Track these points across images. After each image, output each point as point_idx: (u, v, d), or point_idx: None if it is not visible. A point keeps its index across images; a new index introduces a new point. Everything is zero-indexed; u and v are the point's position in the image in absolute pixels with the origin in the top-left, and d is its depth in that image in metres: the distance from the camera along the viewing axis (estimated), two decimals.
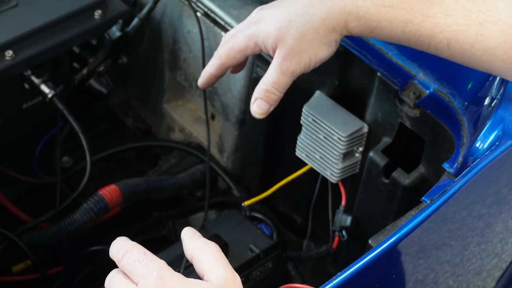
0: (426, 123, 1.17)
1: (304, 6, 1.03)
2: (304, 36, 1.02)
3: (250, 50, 1.07)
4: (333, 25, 1.02)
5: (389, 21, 1.00)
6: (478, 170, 1.02)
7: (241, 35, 1.07)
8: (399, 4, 0.99)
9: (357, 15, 1.01)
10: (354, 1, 1.00)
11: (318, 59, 1.04)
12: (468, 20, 0.97)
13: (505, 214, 1.15)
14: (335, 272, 0.92)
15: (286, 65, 1.04)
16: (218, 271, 0.84)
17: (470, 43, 0.98)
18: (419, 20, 0.99)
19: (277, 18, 1.04)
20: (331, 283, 0.91)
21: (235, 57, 1.08)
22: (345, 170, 1.30)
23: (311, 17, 1.02)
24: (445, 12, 0.98)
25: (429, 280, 1.08)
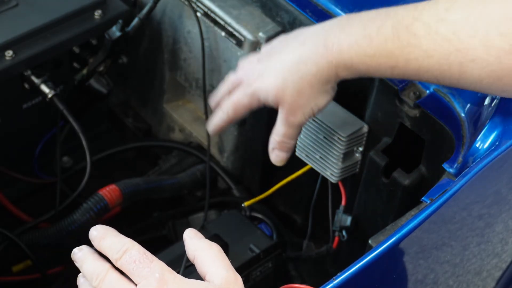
0: (426, 123, 1.17)
1: (295, 62, 1.08)
2: (301, 93, 1.09)
3: (254, 105, 1.15)
4: (325, 77, 1.07)
5: (376, 68, 1.04)
6: (478, 170, 1.02)
7: (243, 93, 1.14)
8: (381, 52, 1.02)
9: (345, 66, 1.05)
10: (339, 54, 1.05)
11: (320, 107, 1.12)
12: (448, 60, 0.99)
13: (505, 214, 1.15)
14: (335, 272, 0.93)
15: (291, 120, 1.13)
16: (220, 271, 0.84)
17: (456, 79, 1.00)
18: (403, 64, 1.02)
19: (273, 76, 1.10)
20: (331, 283, 0.91)
21: (241, 113, 1.17)
22: (345, 170, 1.30)
23: (303, 73, 1.08)
24: (425, 54, 1.00)
25: (429, 280, 1.08)
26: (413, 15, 1.00)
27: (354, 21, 1.05)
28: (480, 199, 1.08)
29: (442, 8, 0.99)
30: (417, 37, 0.99)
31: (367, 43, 1.02)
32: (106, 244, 0.86)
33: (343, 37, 1.04)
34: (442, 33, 0.98)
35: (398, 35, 1.00)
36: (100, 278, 0.84)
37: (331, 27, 1.07)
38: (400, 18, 1.01)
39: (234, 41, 1.37)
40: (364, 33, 1.03)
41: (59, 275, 1.43)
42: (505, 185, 1.11)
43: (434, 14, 0.99)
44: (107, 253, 0.85)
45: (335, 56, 1.05)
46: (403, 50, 1.01)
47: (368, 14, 1.05)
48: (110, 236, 0.86)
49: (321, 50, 1.06)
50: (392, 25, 1.01)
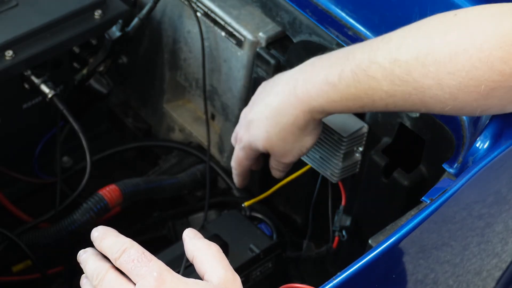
0: (426, 123, 1.17)
1: (274, 115, 1.15)
2: (285, 140, 1.17)
3: (252, 155, 1.24)
4: (303, 124, 1.14)
5: (347, 109, 1.09)
6: (478, 170, 1.02)
7: (238, 148, 1.25)
8: (346, 97, 1.06)
9: (317, 111, 1.11)
10: (309, 102, 1.10)
11: (308, 146, 1.19)
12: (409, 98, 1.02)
13: (505, 214, 1.15)
14: (335, 272, 0.92)
15: (284, 161, 1.22)
16: (218, 271, 0.84)
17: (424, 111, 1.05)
18: (371, 104, 1.05)
19: (257, 129, 1.18)
20: (331, 283, 0.91)
21: (245, 164, 1.27)
22: (345, 170, 1.30)
23: (283, 124, 1.14)
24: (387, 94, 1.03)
25: (429, 280, 1.08)
26: (368, 57, 1.03)
27: (318, 68, 1.09)
28: (480, 199, 1.08)
29: (394, 47, 1.01)
30: (376, 80, 1.02)
31: (331, 89, 1.06)
32: (106, 244, 0.86)
33: (310, 86, 1.09)
34: (397, 74, 1.01)
35: (358, 80, 1.04)
36: (100, 278, 0.84)
37: (298, 76, 1.12)
38: (358, 62, 1.04)
39: (234, 41, 1.37)
40: (327, 80, 1.07)
41: (59, 275, 1.43)
42: (505, 185, 1.11)
43: (387, 54, 1.01)
44: (106, 253, 0.86)
45: (307, 104, 1.10)
46: (366, 92, 1.04)
47: (329, 59, 1.09)
48: (110, 236, 0.87)
49: (293, 100, 1.11)
50: (351, 70, 1.04)
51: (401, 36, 1.02)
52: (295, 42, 1.31)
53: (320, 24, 1.26)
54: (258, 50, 1.35)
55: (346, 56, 1.06)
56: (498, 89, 0.97)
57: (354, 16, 1.22)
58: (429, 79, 0.99)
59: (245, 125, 1.21)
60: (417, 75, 1.00)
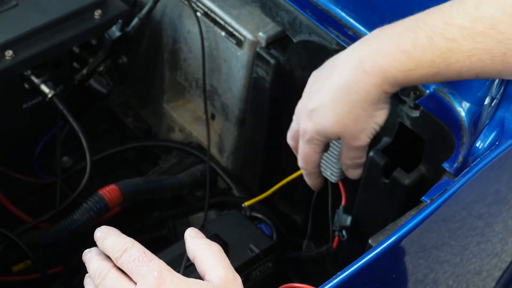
0: (426, 123, 1.17)
1: (341, 97, 1.09)
2: (357, 119, 1.10)
3: (322, 146, 1.16)
4: (375, 98, 1.08)
5: (418, 79, 1.04)
6: (478, 170, 1.02)
7: (303, 143, 1.16)
8: (422, 64, 1.03)
9: (389, 84, 1.06)
10: (381, 74, 1.05)
11: (380, 123, 1.12)
12: (490, 53, 1.00)
13: (505, 213, 1.15)
14: (335, 272, 0.93)
15: (357, 144, 1.14)
16: (219, 271, 0.84)
17: (498, 70, 1.01)
18: (445, 70, 1.02)
19: (326, 113, 1.11)
20: (331, 283, 0.91)
21: (315, 159, 1.18)
22: None
23: (353, 102, 1.08)
24: (466, 54, 1.00)
25: (429, 280, 1.08)
26: (444, 21, 1.01)
27: (383, 39, 1.06)
28: (480, 199, 1.08)
29: (471, 7, 1.00)
30: (455, 41, 1.00)
31: (406, 57, 1.03)
32: (108, 244, 0.86)
33: (379, 58, 1.05)
34: (480, 31, 0.99)
35: (434, 44, 1.01)
36: (102, 277, 0.85)
37: (361, 51, 1.08)
38: (432, 27, 1.01)
39: (234, 41, 1.37)
40: (400, 48, 1.03)
41: (59, 275, 1.43)
42: (505, 184, 1.11)
43: (466, 15, 1.00)
44: (108, 252, 0.86)
45: (378, 77, 1.06)
46: (443, 56, 1.01)
47: (396, 29, 1.06)
48: (112, 236, 0.87)
49: (361, 76, 1.07)
50: (426, 35, 1.02)
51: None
52: (295, 42, 1.31)
53: (320, 24, 1.26)
54: (258, 50, 1.35)
55: (415, 24, 1.03)
56: None
57: (354, 16, 1.22)
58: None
59: (306, 116, 1.14)
60: (503, 27, 0.98)
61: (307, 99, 1.14)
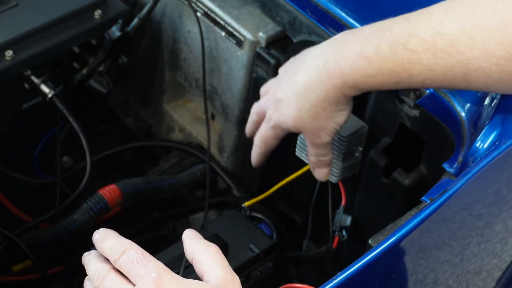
0: (426, 123, 1.17)
1: (303, 92, 1.12)
2: (316, 117, 1.13)
3: (280, 135, 1.20)
4: (334, 100, 1.10)
5: (380, 85, 1.05)
6: (478, 170, 1.02)
7: (266, 126, 1.20)
8: (382, 71, 1.03)
9: (350, 87, 1.08)
10: (342, 77, 1.07)
11: (340, 123, 1.15)
12: (451, 71, 1.00)
13: (505, 213, 1.15)
14: (335, 272, 0.93)
15: (317, 141, 1.17)
16: (217, 272, 0.84)
17: (463, 87, 1.02)
18: (407, 80, 1.03)
19: (287, 108, 1.14)
20: (331, 283, 0.91)
21: (271, 144, 1.23)
22: (345, 170, 1.30)
23: (313, 100, 1.11)
24: (427, 68, 1.01)
25: (429, 280, 1.08)
26: (407, 31, 1.01)
27: (350, 42, 1.07)
28: (480, 199, 1.08)
29: (435, 21, 1.00)
30: (416, 53, 1.00)
31: (367, 63, 1.04)
32: (106, 246, 0.87)
33: (342, 61, 1.06)
34: (440, 47, 0.99)
35: (396, 53, 1.02)
36: (100, 279, 0.85)
37: (328, 51, 1.09)
38: (396, 36, 1.02)
39: (234, 41, 1.37)
40: (362, 54, 1.04)
41: (59, 275, 1.43)
42: (505, 184, 1.11)
43: (428, 28, 1.00)
44: (107, 254, 0.86)
45: (338, 79, 1.07)
46: (404, 67, 1.02)
47: (362, 33, 1.06)
48: (110, 238, 0.87)
49: (323, 76, 1.08)
50: (388, 43, 1.02)
51: (443, 10, 1.00)
52: (295, 42, 1.31)
53: (320, 24, 1.26)
54: (258, 50, 1.35)
55: (381, 30, 1.04)
56: None
57: (354, 16, 1.22)
58: (475, 50, 0.97)
59: (274, 104, 1.17)
60: (462, 47, 0.98)
61: (277, 86, 1.17)
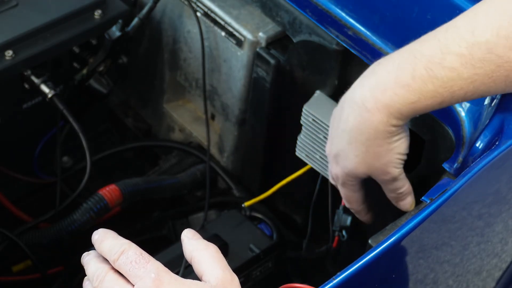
0: (426, 123, 1.17)
1: (355, 137, 1.08)
2: (377, 156, 1.09)
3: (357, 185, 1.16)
4: (385, 133, 1.06)
5: (424, 109, 1.03)
6: (478, 170, 1.02)
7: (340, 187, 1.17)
8: (424, 95, 1.01)
9: (395, 118, 1.04)
10: (384, 110, 1.03)
11: (403, 151, 1.10)
12: (492, 77, 0.99)
13: (505, 213, 1.15)
14: (335, 272, 0.92)
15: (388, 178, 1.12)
16: (216, 272, 0.84)
17: (502, 89, 1.01)
18: (449, 98, 1.01)
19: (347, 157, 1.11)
20: (331, 283, 0.91)
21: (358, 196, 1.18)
22: None
23: (367, 141, 1.07)
24: (468, 81, 0.99)
25: (429, 280, 1.08)
26: (440, 49, 1.00)
27: (382, 74, 1.04)
28: (480, 199, 1.08)
29: (466, 32, 0.99)
30: (455, 69, 0.99)
31: (406, 91, 1.02)
32: (105, 247, 0.87)
33: (379, 94, 1.03)
34: (478, 56, 0.98)
35: (434, 74, 1.00)
36: (99, 279, 0.85)
37: (362, 89, 1.06)
38: (429, 57, 1.00)
39: (234, 41, 1.37)
40: (400, 83, 1.02)
41: (59, 275, 1.43)
42: (505, 184, 1.11)
43: (462, 41, 0.99)
44: (106, 255, 0.86)
45: (382, 114, 1.04)
46: (445, 86, 1.00)
47: (392, 62, 1.04)
48: (109, 239, 0.87)
49: (366, 115, 1.05)
50: (424, 66, 1.00)
51: (469, 19, 0.99)
52: (295, 42, 1.31)
53: (320, 24, 1.26)
54: (258, 50, 1.35)
55: (412, 55, 1.02)
56: None
57: (354, 16, 1.22)
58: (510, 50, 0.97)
59: (333, 162, 1.15)
60: (500, 50, 0.97)
61: (330, 144, 1.14)
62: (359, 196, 1.18)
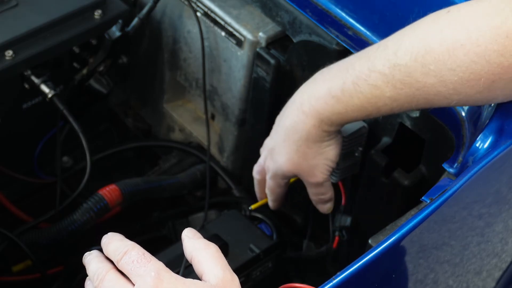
0: (426, 123, 1.17)
1: (289, 135, 1.16)
2: (306, 157, 1.18)
3: (283, 183, 1.26)
4: (316, 137, 1.15)
5: (353, 119, 1.11)
6: (478, 170, 1.02)
7: (268, 178, 1.26)
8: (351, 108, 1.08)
9: (326, 124, 1.13)
10: (316, 116, 1.12)
11: (333, 158, 1.20)
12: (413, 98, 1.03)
13: (505, 213, 1.15)
14: (335, 272, 0.92)
15: (313, 180, 1.22)
16: (217, 271, 0.85)
17: (430, 107, 1.08)
18: (375, 112, 1.07)
19: (280, 153, 1.20)
20: (331, 283, 0.91)
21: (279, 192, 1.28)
22: (345, 170, 1.30)
23: (297, 141, 1.16)
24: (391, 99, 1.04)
25: (429, 280, 1.08)
26: (367, 66, 1.04)
27: (319, 82, 1.11)
28: (480, 199, 1.08)
29: (391, 53, 1.02)
30: (378, 88, 1.03)
31: (335, 102, 1.08)
32: (111, 248, 0.87)
33: (314, 101, 1.11)
34: (398, 78, 1.01)
35: (360, 90, 1.05)
36: (100, 278, 0.85)
37: (303, 93, 1.14)
38: (358, 73, 1.05)
39: (234, 41, 1.37)
40: (330, 93, 1.08)
41: (59, 275, 1.43)
42: (505, 184, 1.11)
43: (385, 61, 1.02)
44: (111, 256, 0.87)
45: (315, 119, 1.12)
46: (369, 101, 1.05)
47: (330, 72, 1.10)
48: (115, 241, 0.88)
49: (302, 117, 1.13)
50: (352, 81, 1.06)
51: (397, 40, 1.03)
52: (295, 42, 1.31)
53: (320, 24, 1.26)
54: (258, 50, 1.35)
55: (346, 68, 1.08)
56: (499, 81, 0.98)
57: (354, 16, 1.22)
58: (431, 77, 1.00)
59: (268, 155, 1.23)
60: (418, 76, 1.00)
61: (270, 138, 1.22)
62: (282, 191, 1.28)
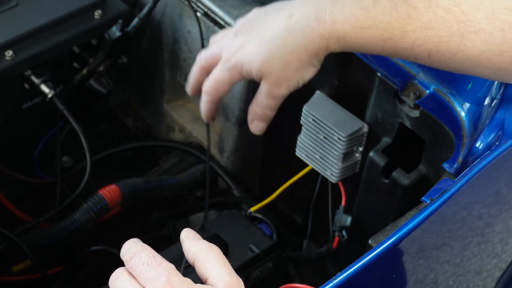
0: (426, 123, 1.17)
1: (283, 36, 1.04)
2: (288, 65, 1.05)
3: (236, 80, 1.09)
4: (314, 50, 1.03)
5: (369, 41, 1.01)
6: (478, 170, 1.02)
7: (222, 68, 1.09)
8: (378, 24, 1.00)
9: (337, 39, 1.02)
10: (332, 26, 1.01)
11: (306, 79, 1.07)
12: (449, 31, 0.98)
13: (505, 214, 1.15)
14: (335, 272, 0.93)
15: (276, 92, 1.08)
16: (223, 275, 0.83)
17: (452, 53, 0.99)
18: (399, 37, 1.00)
19: (257, 48, 1.05)
20: (331, 283, 0.91)
21: (224, 90, 1.11)
22: (345, 170, 1.30)
23: (292, 46, 1.04)
24: (424, 25, 0.98)
25: (429, 280, 1.08)
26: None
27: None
28: (480, 199, 1.08)
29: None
30: (417, 9, 0.98)
31: (363, 14, 1.00)
32: (124, 249, 0.86)
33: (336, 9, 1.01)
34: (443, 5, 0.97)
35: (395, 7, 0.99)
36: (114, 277, 0.84)
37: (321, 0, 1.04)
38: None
39: None
40: (360, 4, 1.00)
41: (59, 275, 1.43)
42: (505, 185, 1.11)
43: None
44: (122, 256, 0.86)
45: (328, 28, 1.01)
46: (401, 22, 0.99)
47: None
48: (129, 242, 0.87)
49: (312, 23, 1.02)
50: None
51: None
52: None
53: None
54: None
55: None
56: None
57: None
58: (480, 12, 0.96)
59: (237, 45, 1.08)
60: (467, 7, 0.96)
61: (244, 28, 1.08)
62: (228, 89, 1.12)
